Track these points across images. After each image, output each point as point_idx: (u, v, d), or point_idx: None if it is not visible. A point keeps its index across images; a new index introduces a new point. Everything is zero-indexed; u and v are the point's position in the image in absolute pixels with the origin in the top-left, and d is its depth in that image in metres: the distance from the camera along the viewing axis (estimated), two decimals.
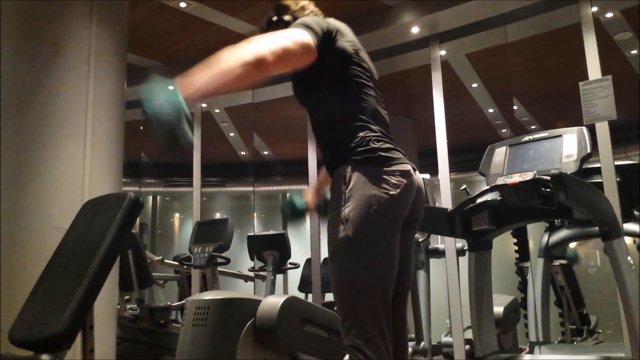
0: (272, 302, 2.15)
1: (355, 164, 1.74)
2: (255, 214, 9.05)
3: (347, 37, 1.88)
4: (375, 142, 1.77)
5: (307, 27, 1.76)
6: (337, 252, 1.71)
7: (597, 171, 3.78)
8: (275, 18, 2.02)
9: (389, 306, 1.73)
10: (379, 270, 1.71)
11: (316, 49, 1.75)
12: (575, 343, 4.68)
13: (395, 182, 1.73)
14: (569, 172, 2.37)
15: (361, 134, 1.78)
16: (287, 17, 2.00)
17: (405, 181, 1.75)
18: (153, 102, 1.47)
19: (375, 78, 1.96)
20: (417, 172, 1.83)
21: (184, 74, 1.56)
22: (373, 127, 1.81)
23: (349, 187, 1.72)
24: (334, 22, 1.87)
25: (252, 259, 5.89)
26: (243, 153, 8.82)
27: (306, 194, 2.24)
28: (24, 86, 3.37)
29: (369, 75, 1.91)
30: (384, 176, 1.73)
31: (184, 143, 1.48)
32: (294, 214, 2.21)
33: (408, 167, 1.80)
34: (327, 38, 1.80)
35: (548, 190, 2.30)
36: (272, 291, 5.38)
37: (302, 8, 2.04)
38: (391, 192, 1.71)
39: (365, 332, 1.66)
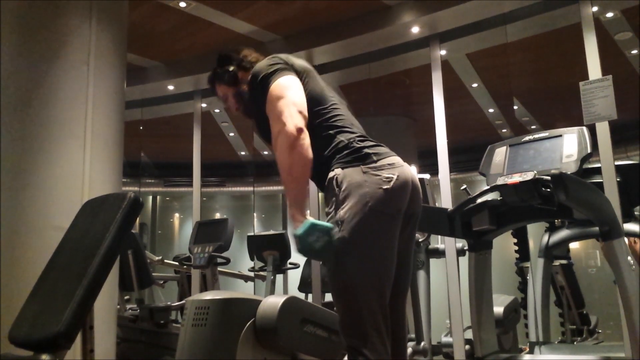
0: (272, 302, 2.15)
1: (344, 165, 1.77)
2: (255, 214, 9.05)
3: (297, 60, 1.97)
4: (359, 142, 1.82)
5: (278, 70, 1.86)
6: (334, 253, 1.71)
7: (598, 171, 3.77)
8: (220, 69, 2.12)
9: (387, 306, 1.73)
10: (376, 270, 1.72)
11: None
12: (575, 343, 4.68)
13: (387, 175, 1.74)
14: (569, 172, 2.37)
15: (342, 138, 1.83)
16: (231, 68, 2.09)
17: (396, 174, 1.76)
18: (302, 245, 1.69)
19: (333, 91, 2.03)
20: (406, 164, 1.85)
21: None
22: (352, 130, 1.87)
23: (342, 189, 1.73)
24: (282, 56, 1.96)
25: (252, 259, 5.89)
26: (243, 153, 8.82)
27: None
28: (24, 86, 3.37)
29: (325, 88, 1.98)
30: (375, 171, 1.74)
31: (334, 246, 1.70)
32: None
33: (396, 159, 1.82)
34: (290, 67, 1.91)
35: (548, 190, 2.30)
36: (272, 291, 5.38)
37: (244, 56, 2.13)
38: (385, 187, 1.72)
39: (363, 332, 1.66)
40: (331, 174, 1.78)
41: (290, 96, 1.79)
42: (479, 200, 2.66)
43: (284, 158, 1.72)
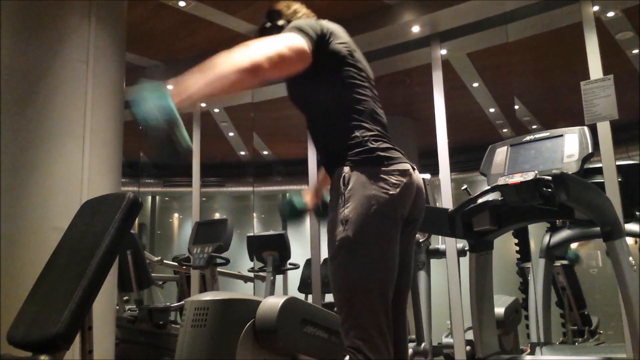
0: (272, 303, 2.14)
1: (353, 164, 1.74)
2: (254, 214, 9.04)
3: (341, 39, 1.87)
4: (373, 142, 1.77)
5: (301, 31, 1.76)
6: (337, 253, 1.70)
7: (599, 171, 3.77)
8: (268, 24, 2.03)
9: (389, 307, 1.72)
10: (379, 271, 1.70)
11: (311, 54, 1.74)
12: (576, 344, 4.67)
13: (394, 181, 1.72)
14: (570, 172, 2.36)
15: (358, 134, 1.77)
16: (280, 22, 2.01)
17: (404, 180, 1.74)
18: (142, 107, 1.42)
19: (371, 78, 1.95)
20: (416, 171, 1.82)
21: (178, 77, 1.54)
22: (370, 126, 1.81)
23: (348, 188, 1.71)
24: (327, 24, 1.87)
25: (251, 260, 5.88)
26: (243, 153, 8.81)
27: (305, 194, 2.22)
28: (23, 85, 3.37)
29: (364, 76, 1.90)
30: (383, 176, 1.72)
31: (180, 148, 1.46)
32: (293, 214, 2.17)
33: (407, 166, 1.79)
34: (320, 41, 1.80)
35: (549, 190, 2.29)
36: (271, 292, 5.37)
37: (295, 12, 2.06)
38: (391, 192, 1.71)
39: (365, 333, 1.65)
40: (339, 170, 1.76)
41: (284, 49, 1.66)
42: (480, 201, 2.64)
43: (227, 65, 1.56)
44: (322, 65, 1.79)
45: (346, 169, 1.74)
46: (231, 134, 8.08)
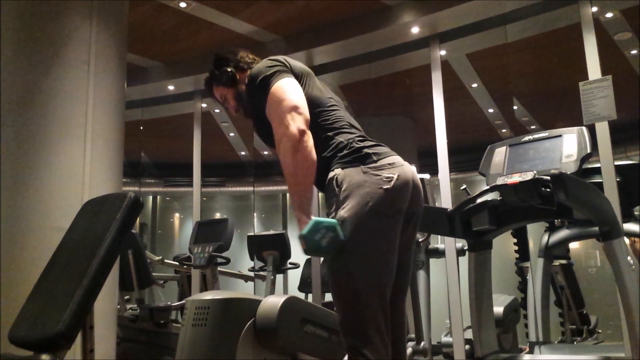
0: (272, 302, 2.15)
1: (344, 165, 1.77)
2: (255, 214, 9.04)
3: (295, 63, 1.97)
4: (359, 142, 1.82)
5: (277, 72, 1.86)
6: (334, 253, 1.71)
7: (597, 171, 3.77)
8: (217, 71, 2.11)
9: (387, 306, 1.73)
10: (376, 270, 1.71)
11: None
12: (575, 343, 4.68)
13: (387, 175, 1.74)
14: (569, 172, 2.37)
15: (342, 139, 1.83)
16: (229, 68, 2.09)
17: (397, 173, 1.76)
18: (309, 246, 1.68)
19: (330, 92, 2.02)
20: (407, 163, 1.84)
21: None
22: (350, 130, 1.88)
23: (343, 189, 1.73)
24: (280, 58, 1.96)
25: (252, 259, 5.89)
26: (243, 153, 8.82)
27: None
28: (24, 86, 3.37)
29: (323, 90, 1.98)
30: (375, 171, 1.74)
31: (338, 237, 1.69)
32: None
33: (396, 158, 1.82)
34: (289, 69, 1.90)
35: (548, 190, 2.30)
36: (272, 291, 5.38)
37: (241, 57, 2.12)
38: (385, 187, 1.72)
39: (364, 332, 1.66)
40: (331, 174, 1.78)
41: (291, 98, 1.78)
42: (479, 200, 2.66)
43: (288, 161, 1.71)
44: None
45: (337, 170, 1.77)
46: (232, 134, 8.09)
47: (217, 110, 7.22)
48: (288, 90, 1.81)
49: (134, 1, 4.27)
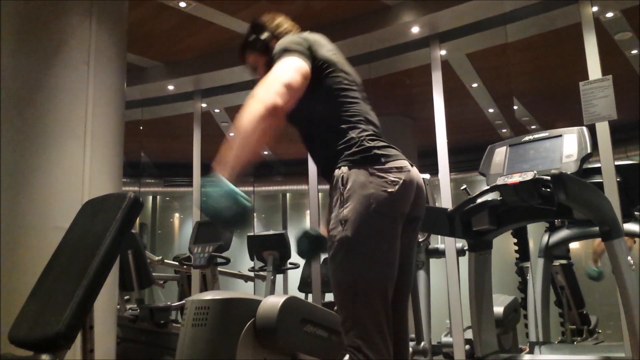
0: (272, 302, 2.15)
1: (351, 164, 1.75)
2: (255, 214, 9.03)
3: (326, 47, 1.92)
4: (369, 141, 1.79)
5: (291, 51, 1.80)
6: (336, 253, 1.71)
7: (598, 171, 3.77)
8: (253, 37, 2.09)
9: (389, 306, 1.72)
10: (379, 270, 1.71)
11: (309, 69, 1.80)
12: (575, 343, 4.67)
13: (393, 179, 1.73)
14: (569, 172, 2.37)
15: (353, 135, 1.79)
16: (264, 36, 2.07)
17: (403, 178, 1.74)
18: (208, 203, 1.55)
19: (358, 81, 1.98)
20: (414, 168, 1.83)
21: (217, 159, 1.63)
22: (364, 127, 1.83)
23: (347, 188, 1.72)
24: (309, 36, 1.92)
25: (252, 259, 5.89)
26: None
27: (321, 228, 2.13)
28: (24, 86, 3.37)
29: (351, 79, 1.93)
30: (381, 174, 1.73)
31: (246, 209, 1.58)
32: (313, 249, 2.01)
33: (405, 162, 1.80)
34: (310, 53, 1.85)
35: (548, 190, 2.30)
36: (272, 291, 5.38)
37: (278, 25, 2.10)
38: (390, 190, 1.71)
39: (365, 333, 1.65)
40: (337, 172, 1.77)
41: (288, 77, 1.73)
42: (479, 200, 2.66)
43: (248, 122, 1.64)
44: (311, 76, 1.82)
45: (344, 168, 1.75)
46: (232, 134, 8.08)
47: (217, 110, 7.22)
48: (291, 69, 1.76)
49: (133, 1, 4.27)
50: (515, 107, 6.32)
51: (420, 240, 3.98)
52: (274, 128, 1.68)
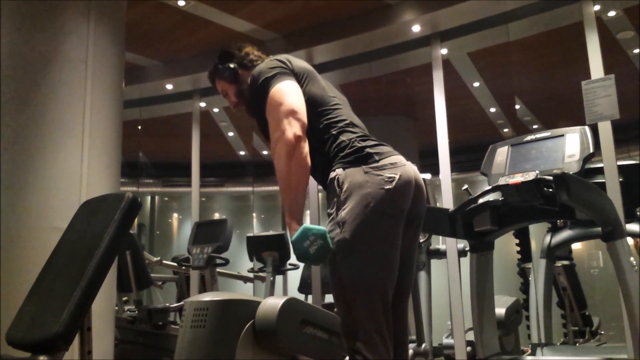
0: (272, 303, 2.13)
1: (346, 164, 1.76)
2: (254, 215, 9.02)
3: (298, 63, 1.96)
4: (361, 142, 1.80)
5: (275, 75, 1.85)
6: (335, 255, 1.69)
7: (600, 171, 3.76)
8: (221, 66, 2.12)
9: (389, 308, 1.72)
10: (378, 271, 1.70)
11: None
12: (577, 344, 4.66)
13: (389, 175, 1.72)
14: (571, 172, 2.35)
15: (345, 138, 1.82)
16: (232, 65, 2.10)
17: (399, 173, 1.74)
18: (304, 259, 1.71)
19: (334, 90, 2.02)
20: (409, 163, 1.83)
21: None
22: (353, 129, 1.86)
23: (344, 189, 1.72)
24: (282, 56, 1.96)
25: (251, 260, 5.85)
26: (242, 153, 8.80)
27: None
28: (22, 85, 3.36)
29: (328, 87, 1.98)
30: (377, 171, 1.73)
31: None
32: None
33: (399, 158, 1.81)
34: (290, 70, 1.90)
35: (550, 190, 2.29)
36: (271, 292, 5.35)
37: (246, 54, 2.13)
38: (386, 187, 1.70)
39: (365, 334, 1.65)
40: (332, 174, 1.77)
41: (289, 103, 1.78)
42: (481, 201, 2.64)
43: (282, 166, 1.71)
44: None
45: (339, 170, 1.76)
46: (231, 133, 8.07)
47: (216, 110, 7.21)
48: (287, 94, 1.80)
49: (132, 0, 4.25)
50: (517, 107, 6.32)
51: (421, 241, 3.96)
52: (306, 157, 1.74)
